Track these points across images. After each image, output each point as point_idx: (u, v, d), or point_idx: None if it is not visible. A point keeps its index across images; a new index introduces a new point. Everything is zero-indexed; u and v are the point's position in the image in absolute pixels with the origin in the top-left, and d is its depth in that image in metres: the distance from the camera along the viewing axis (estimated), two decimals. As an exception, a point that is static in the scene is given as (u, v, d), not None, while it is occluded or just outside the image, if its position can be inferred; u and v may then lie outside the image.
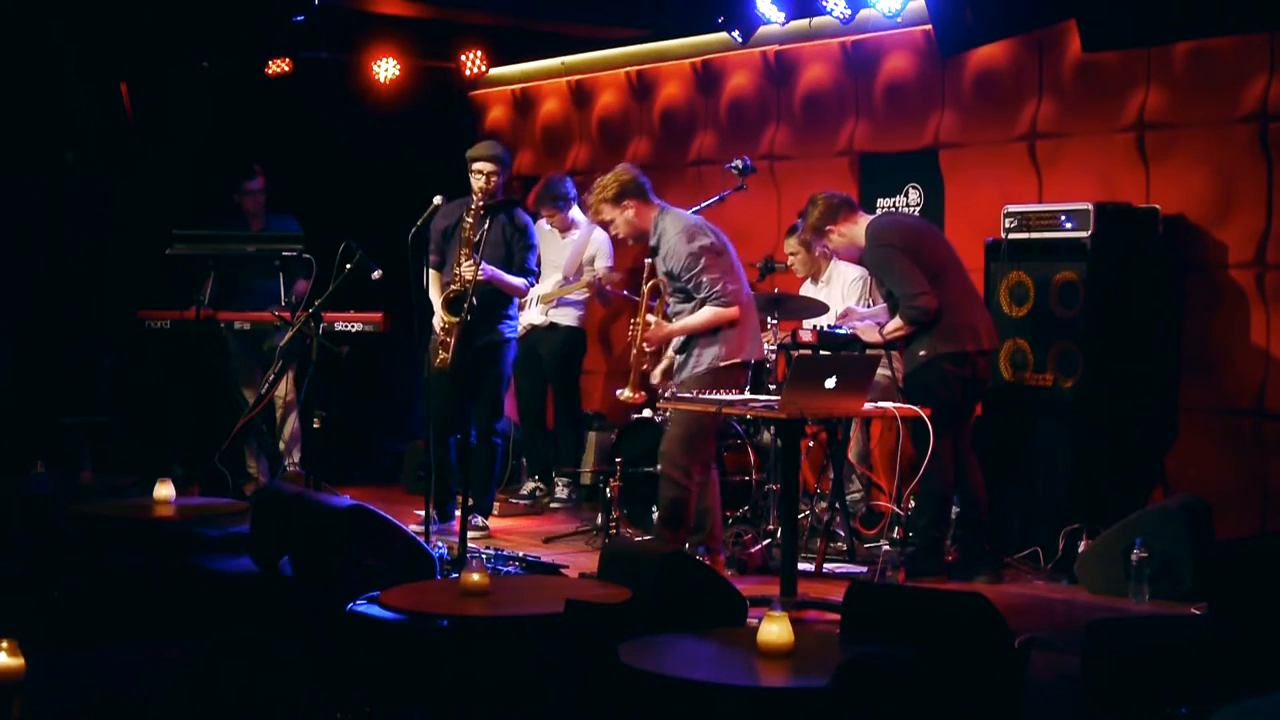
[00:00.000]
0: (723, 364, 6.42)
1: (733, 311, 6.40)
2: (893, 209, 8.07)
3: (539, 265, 7.71)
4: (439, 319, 7.37)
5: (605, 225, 6.65)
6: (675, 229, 6.43)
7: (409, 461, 8.88)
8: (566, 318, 8.51)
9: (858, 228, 6.65)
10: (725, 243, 6.53)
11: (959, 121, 7.88)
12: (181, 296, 8.19)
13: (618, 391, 6.65)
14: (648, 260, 6.54)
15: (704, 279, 6.36)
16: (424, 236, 7.38)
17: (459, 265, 7.24)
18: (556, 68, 9.94)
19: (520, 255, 7.46)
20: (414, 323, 7.20)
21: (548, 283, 8.38)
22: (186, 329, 8.09)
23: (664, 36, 9.19)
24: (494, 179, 7.38)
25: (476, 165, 7.38)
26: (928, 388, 6.44)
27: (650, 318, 6.52)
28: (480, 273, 7.04)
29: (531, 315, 8.40)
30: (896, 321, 6.60)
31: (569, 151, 9.89)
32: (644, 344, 6.54)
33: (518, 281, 7.49)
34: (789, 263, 7.79)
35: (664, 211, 6.53)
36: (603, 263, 8.42)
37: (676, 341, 6.54)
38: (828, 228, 6.68)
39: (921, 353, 6.49)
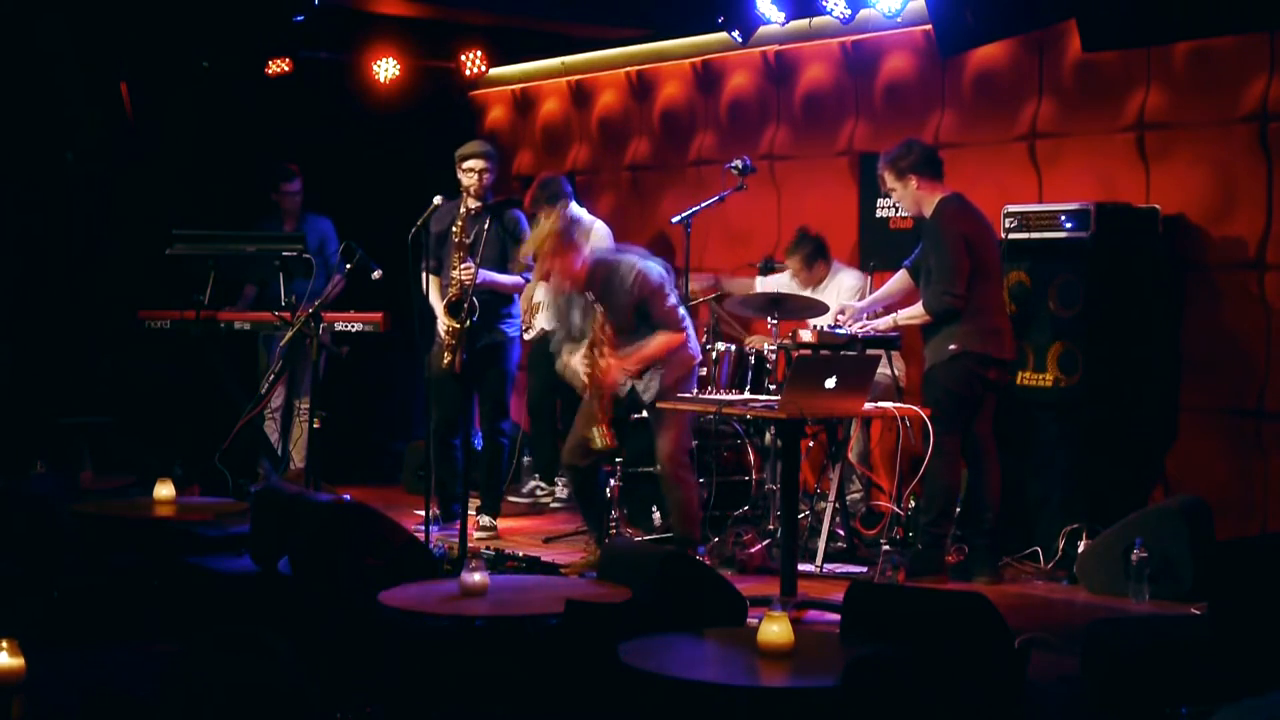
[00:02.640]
0: (694, 363, 6.67)
1: (681, 336, 6.54)
2: (893, 209, 8.07)
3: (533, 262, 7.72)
4: (443, 323, 7.37)
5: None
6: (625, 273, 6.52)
7: (409, 461, 8.88)
8: None
9: (933, 195, 6.60)
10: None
11: (959, 121, 7.88)
12: (182, 296, 8.18)
13: (591, 435, 6.53)
14: (597, 307, 6.50)
15: (662, 307, 6.50)
16: (420, 240, 7.38)
17: (455, 269, 7.26)
18: (556, 68, 9.94)
19: (514, 252, 7.41)
20: (414, 323, 7.19)
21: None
22: (187, 329, 8.08)
23: (664, 36, 9.19)
24: (485, 176, 7.39)
25: (468, 164, 7.39)
26: (951, 382, 6.45)
27: (601, 360, 6.49)
28: (475, 277, 7.09)
29: (544, 320, 8.38)
30: (917, 308, 6.61)
31: (569, 151, 9.89)
32: (607, 387, 6.51)
33: (509, 280, 7.46)
34: (789, 276, 7.77)
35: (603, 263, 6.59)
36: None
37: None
38: (911, 175, 6.64)
39: (952, 346, 6.48)
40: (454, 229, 7.32)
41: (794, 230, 7.98)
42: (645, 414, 7.21)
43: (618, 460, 7.10)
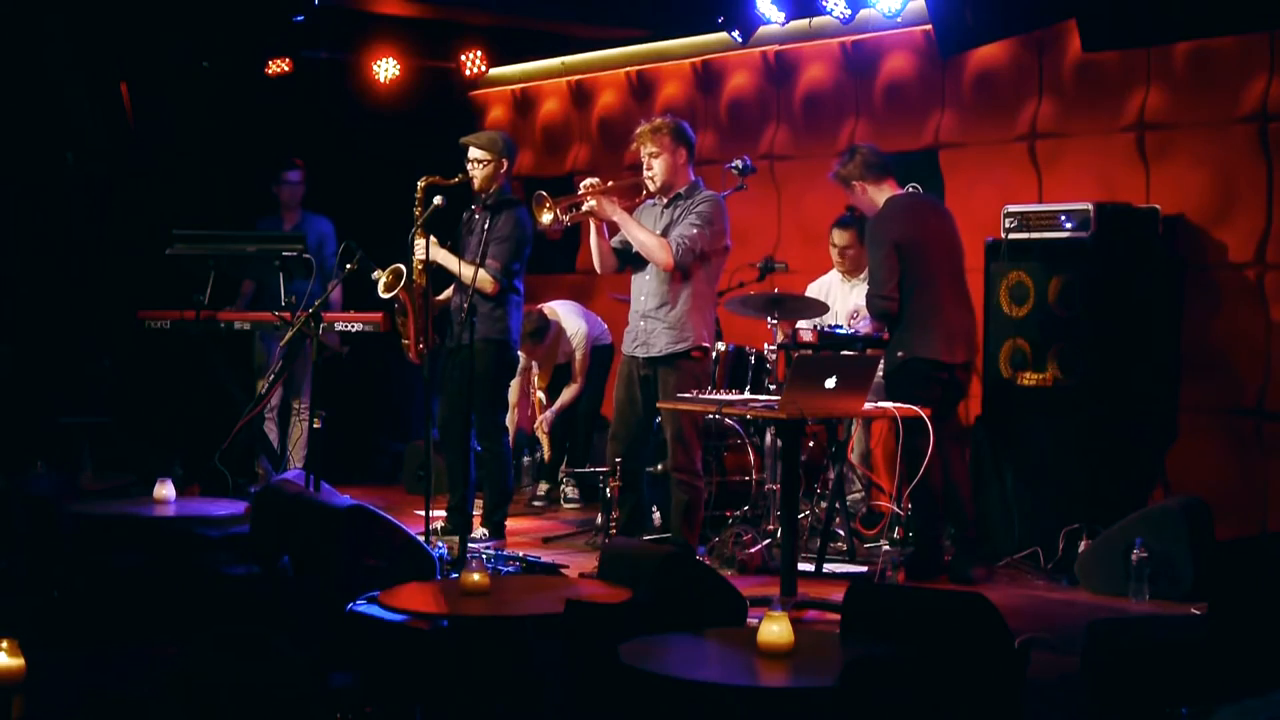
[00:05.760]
0: (706, 343, 6.61)
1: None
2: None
3: (517, 263, 7.23)
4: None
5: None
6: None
7: (409, 461, 8.88)
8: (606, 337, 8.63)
9: (882, 194, 6.63)
10: None
11: (959, 121, 7.88)
12: (182, 296, 8.19)
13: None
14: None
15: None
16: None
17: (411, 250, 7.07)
18: (556, 68, 9.94)
19: (493, 248, 6.96)
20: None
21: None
22: (187, 329, 8.08)
23: (664, 36, 9.19)
24: (480, 167, 7.16)
25: (469, 153, 7.22)
26: (907, 387, 6.44)
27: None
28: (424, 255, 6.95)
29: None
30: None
31: (569, 152, 9.89)
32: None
33: (463, 268, 7.00)
34: (837, 254, 7.67)
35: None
36: (580, 352, 8.65)
37: (650, 304, 6.60)
38: (855, 182, 6.66)
39: (899, 353, 6.53)
40: (470, 220, 7.27)
41: (794, 230, 7.98)
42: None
43: (617, 460, 7.07)
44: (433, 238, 6.92)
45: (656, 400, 6.58)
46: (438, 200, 7.08)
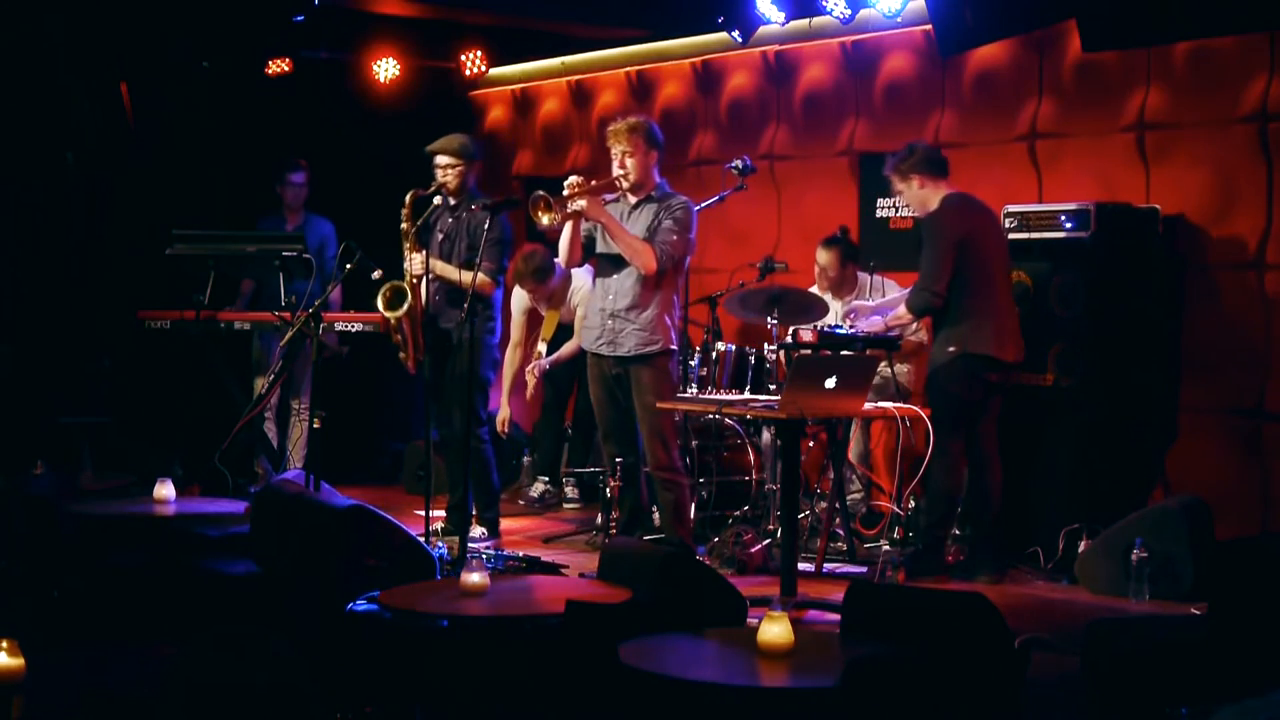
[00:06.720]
0: (673, 345, 6.67)
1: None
2: (893, 209, 8.08)
3: (505, 263, 7.36)
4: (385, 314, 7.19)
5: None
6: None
7: (409, 461, 8.88)
8: None
9: (938, 193, 6.60)
10: None
11: (959, 121, 7.88)
12: (182, 296, 8.18)
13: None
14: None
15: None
16: (423, 240, 7.32)
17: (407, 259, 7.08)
18: (556, 68, 9.94)
19: (484, 251, 6.82)
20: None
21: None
22: (187, 329, 8.08)
23: (664, 36, 9.19)
24: (451, 172, 7.16)
25: (436, 160, 7.20)
26: (951, 384, 6.45)
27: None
28: (421, 266, 6.95)
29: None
30: (901, 309, 6.65)
31: (569, 152, 9.89)
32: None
33: (462, 275, 7.04)
34: (819, 273, 7.68)
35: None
36: (584, 310, 8.50)
37: (620, 304, 6.62)
38: (915, 176, 6.62)
39: (951, 348, 6.49)
40: (445, 221, 7.25)
41: (794, 230, 7.94)
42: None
43: (618, 460, 7.08)
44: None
45: (631, 396, 6.65)
46: (437, 200, 7.09)
